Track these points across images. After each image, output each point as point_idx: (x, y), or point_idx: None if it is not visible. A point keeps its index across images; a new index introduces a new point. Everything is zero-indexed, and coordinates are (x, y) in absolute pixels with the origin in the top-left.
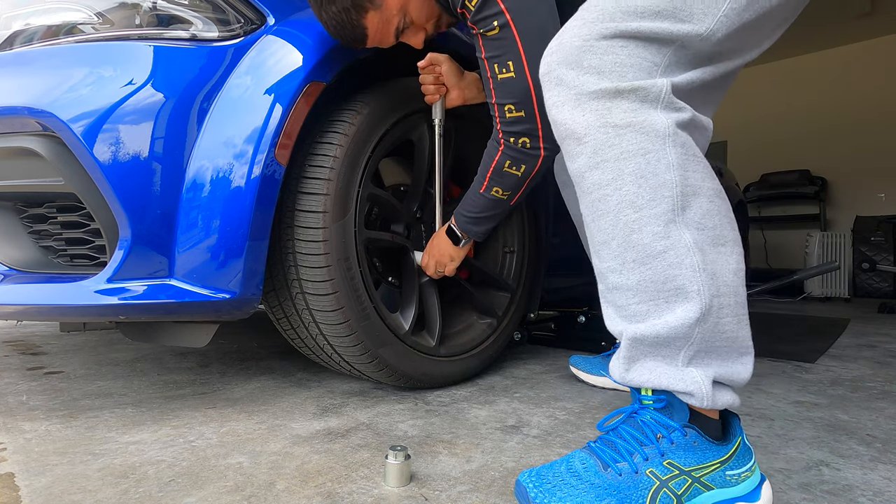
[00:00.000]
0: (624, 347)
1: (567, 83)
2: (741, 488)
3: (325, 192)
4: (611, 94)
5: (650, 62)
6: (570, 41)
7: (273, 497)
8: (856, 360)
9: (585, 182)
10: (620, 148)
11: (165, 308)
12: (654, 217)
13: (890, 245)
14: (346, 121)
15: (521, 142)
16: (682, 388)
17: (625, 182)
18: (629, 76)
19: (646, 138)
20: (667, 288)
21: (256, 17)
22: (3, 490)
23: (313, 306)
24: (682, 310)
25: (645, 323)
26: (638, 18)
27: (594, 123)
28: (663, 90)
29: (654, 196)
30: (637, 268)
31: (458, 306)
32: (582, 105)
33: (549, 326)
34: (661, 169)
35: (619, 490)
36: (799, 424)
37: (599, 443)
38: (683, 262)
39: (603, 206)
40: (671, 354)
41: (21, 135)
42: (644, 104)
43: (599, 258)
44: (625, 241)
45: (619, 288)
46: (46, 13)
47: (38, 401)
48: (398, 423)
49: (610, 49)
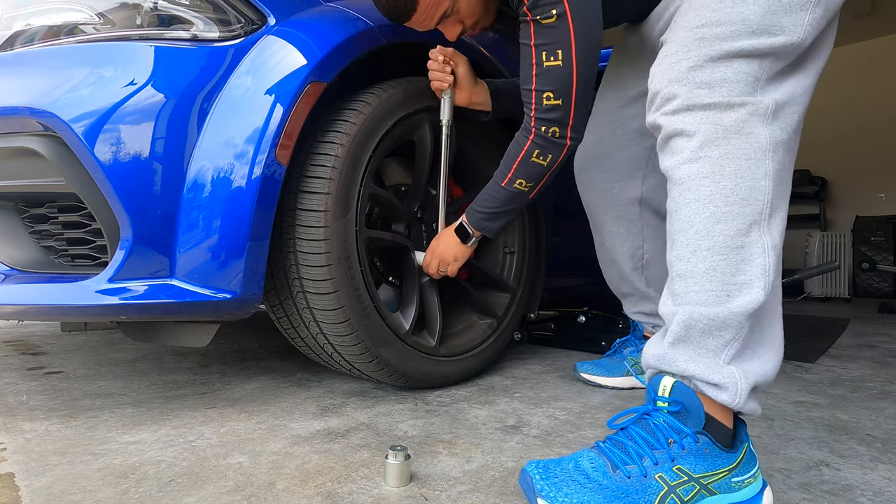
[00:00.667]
0: (675, 325)
1: (681, 96)
2: (744, 493)
3: (327, 191)
4: (723, 107)
5: (753, 76)
6: (679, 64)
7: (273, 497)
8: (856, 360)
9: (680, 172)
10: (726, 148)
11: (166, 308)
12: (742, 215)
13: (890, 245)
14: (347, 120)
15: (552, 131)
16: (716, 379)
17: (724, 177)
18: (737, 91)
19: (750, 146)
20: (735, 280)
21: (257, 17)
22: (3, 490)
23: (314, 305)
24: (744, 300)
25: (705, 306)
26: (736, 39)
27: (706, 122)
28: (769, 108)
29: (748, 197)
30: (710, 256)
31: (458, 306)
32: (694, 112)
33: (549, 326)
34: (759, 175)
35: (626, 493)
36: (799, 424)
37: (609, 443)
38: (756, 262)
39: (693, 195)
40: (717, 348)
41: (22, 135)
42: (753, 117)
43: (672, 247)
44: (705, 229)
45: (682, 275)
46: (47, 13)
47: (38, 401)
48: (398, 423)
49: (717, 68)
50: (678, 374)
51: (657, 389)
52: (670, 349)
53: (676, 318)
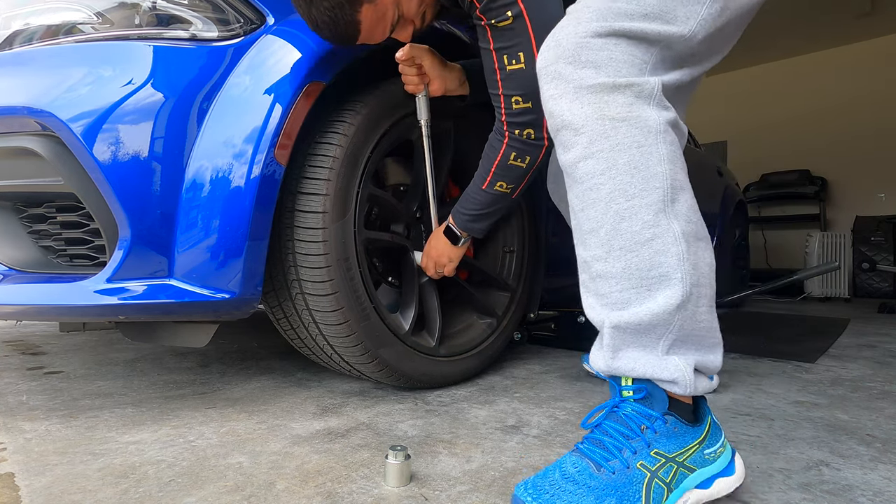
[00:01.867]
0: (606, 336)
1: (565, 77)
2: (717, 465)
3: (325, 192)
4: (608, 89)
5: (640, 59)
6: (567, 38)
7: (273, 497)
8: (856, 360)
9: (578, 171)
10: (616, 139)
11: (165, 308)
12: (645, 206)
13: (890, 245)
14: (345, 121)
15: (526, 133)
16: (666, 376)
17: (618, 172)
18: (623, 71)
19: (639, 132)
20: (651, 275)
21: (256, 16)
22: (3, 490)
23: (313, 306)
24: (663, 296)
25: (627, 310)
26: (629, 19)
27: (591, 115)
28: (655, 88)
29: (646, 186)
30: (624, 255)
31: (458, 306)
32: (580, 97)
33: (549, 326)
34: (654, 162)
35: (615, 488)
36: (799, 424)
37: (587, 443)
38: (670, 251)
39: (594, 194)
40: (651, 343)
41: (20, 135)
42: (639, 100)
43: (585, 247)
44: (614, 228)
45: (602, 276)
46: (46, 13)
47: (38, 401)
48: (398, 423)
49: (605, 46)
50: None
51: (619, 380)
52: (612, 361)
53: (605, 328)
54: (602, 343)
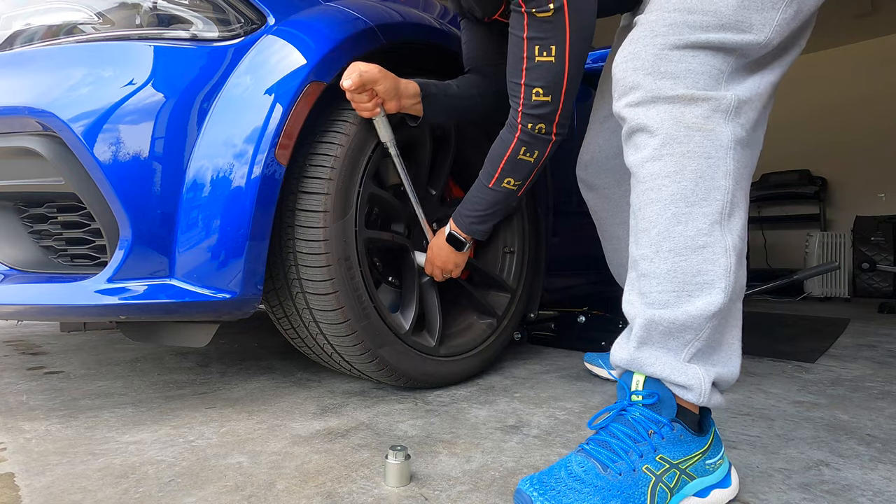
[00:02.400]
0: (637, 328)
1: (644, 87)
2: (716, 476)
3: (326, 191)
4: (686, 100)
5: (717, 69)
6: (645, 50)
7: (273, 497)
8: (856, 360)
9: (644, 171)
10: (688, 146)
11: (166, 308)
12: (703, 214)
13: (890, 245)
14: (347, 120)
15: (539, 127)
16: (682, 381)
17: (684, 177)
18: (701, 83)
19: (711, 144)
20: (696, 281)
21: (257, 16)
22: (3, 490)
23: (314, 306)
24: (703, 301)
25: (664, 309)
26: (706, 31)
27: (668, 120)
28: (732, 104)
29: (707, 197)
30: (671, 257)
31: (458, 306)
32: (657, 105)
33: (549, 326)
34: (720, 175)
35: (622, 490)
36: (799, 424)
37: (593, 444)
38: (718, 261)
39: (654, 195)
40: (677, 347)
41: (21, 135)
42: (715, 113)
43: (636, 245)
44: (666, 230)
45: (647, 275)
46: (47, 13)
47: (38, 401)
48: (398, 423)
49: (682, 58)
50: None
51: (630, 384)
52: (636, 352)
53: (638, 321)
54: (630, 335)
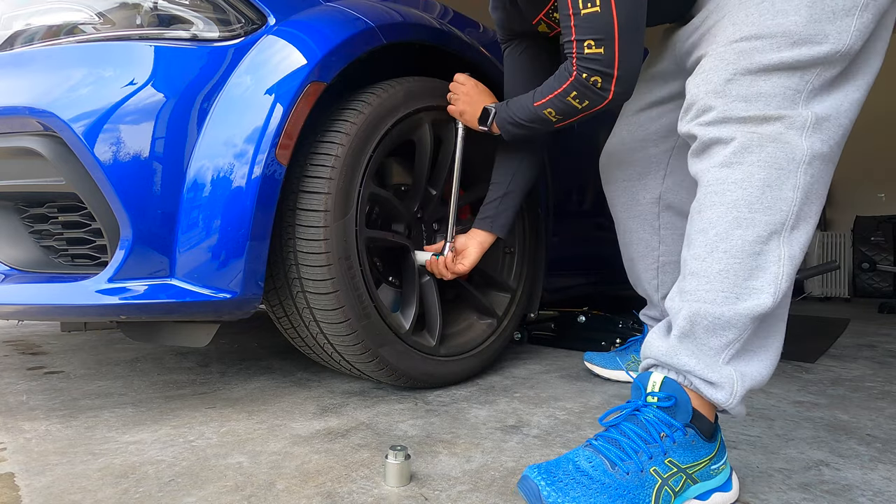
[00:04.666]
0: (682, 320)
1: (717, 108)
2: (718, 479)
3: (327, 191)
4: (758, 120)
5: (794, 90)
6: (717, 76)
7: (273, 497)
8: (856, 360)
9: (710, 175)
10: (759, 156)
11: (166, 308)
12: (764, 223)
13: (890, 245)
14: (347, 120)
15: (594, 80)
16: (714, 378)
17: (752, 184)
18: (773, 105)
19: (784, 156)
20: (746, 284)
21: (257, 17)
22: (3, 490)
23: (314, 305)
24: (752, 302)
25: (712, 304)
26: (776, 50)
27: (743, 130)
28: (808, 121)
29: (772, 206)
30: (725, 258)
31: (458, 306)
32: (730, 124)
33: (549, 326)
34: (788, 187)
35: (628, 490)
36: (799, 424)
37: (602, 440)
38: (770, 269)
39: (718, 198)
40: (718, 347)
41: (22, 135)
42: (791, 129)
43: (689, 246)
44: (725, 231)
45: (696, 274)
46: (47, 13)
47: (38, 401)
48: (398, 423)
49: (753, 83)
50: (677, 368)
51: (646, 385)
52: (676, 342)
53: (682, 313)
54: (671, 328)
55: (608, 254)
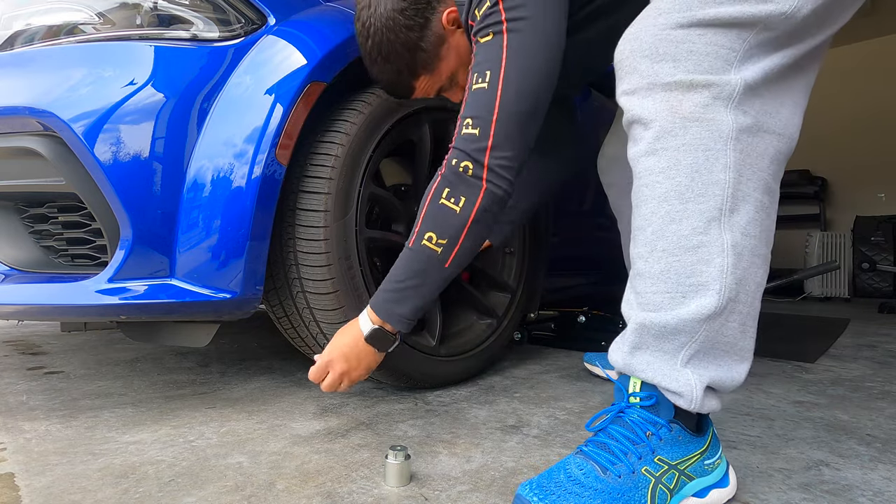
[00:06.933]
0: (630, 332)
1: (641, 72)
2: (714, 476)
3: (327, 191)
4: (684, 87)
5: (727, 49)
6: (646, 30)
7: (273, 497)
8: (856, 360)
9: (640, 166)
10: (683, 139)
11: (166, 308)
12: (698, 212)
13: (890, 245)
14: (347, 120)
15: (464, 165)
16: (674, 387)
17: (679, 172)
18: (704, 66)
19: (709, 135)
20: (689, 282)
21: (257, 17)
22: (3, 490)
23: (314, 305)
24: (696, 304)
25: (656, 313)
26: (717, 4)
27: (663, 111)
28: (736, 89)
29: (704, 192)
30: (665, 257)
31: (458, 306)
32: (654, 94)
33: (549, 326)
34: (718, 168)
35: (622, 493)
36: (799, 424)
37: (591, 446)
38: (713, 262)
39: (650, 192)
40: (672, 350)
41: (22, 135)
42: (716, 101)
43: (634, 244)
44: (660, 229)
45: (642, 274)
46: (47, 13)
47: (38, 401)
48: (398, 423)
49: (686, 38)
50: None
51: (627, 386)
52: (630, 357)
53: (630, 324)
54: (624, 338)
55: (608, 254)
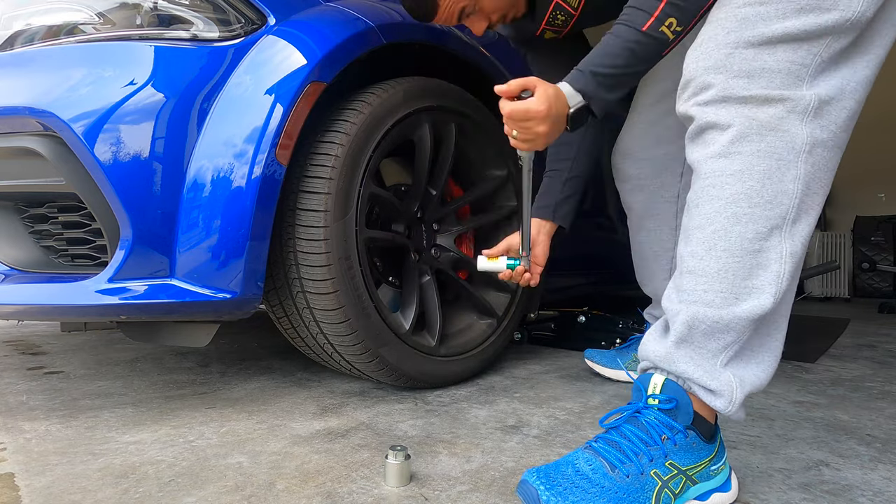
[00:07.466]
0: (679, 324)
1: (717, 86)
2: (717, 480)
3: (327, 191)
4: (760, 101)
5: (799, 65)
6: (717, 50)
7: (273, 497)
8: (856, 360)
9: (707, 167)
10: (759, 145)
11: (166, 308)
12: (764, 218)
13: (890, 245)
14: (347, 120)
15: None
16: (714, 385)
17: (751, 177)
18: (777, 83)
19: (784, 146)
20: (744, 284)
21: (257, 17)
22: (3, 490)
23: (314, 305)
24: (750, 304)
25: (710, 307)
26: (781, 19)
27: (741, 117)
28: (811, 104)
29: (773, 200)
30: (725, 257)
31: (458, 306)
32: (730, 104)
33: (549, 326)
34: (788, 178)
35: (628, 493)
36: (799, 424)
37: (602, 442)
38: (771, 267)
39: (716, 192)
40: (715, 350)
41: (22, 135)
42: (790, 115)
43: (686, 242)
44: (723, 228)
45: (694, 272)
46: (47, 13)
47: (38, 401)
48: (398, 423)
49: (757, 56)
50: (676, 374)
51: (647, 387)
52: (674, 348)
53: (680, 317)
54: (669, 331)
55: (608, 254)
